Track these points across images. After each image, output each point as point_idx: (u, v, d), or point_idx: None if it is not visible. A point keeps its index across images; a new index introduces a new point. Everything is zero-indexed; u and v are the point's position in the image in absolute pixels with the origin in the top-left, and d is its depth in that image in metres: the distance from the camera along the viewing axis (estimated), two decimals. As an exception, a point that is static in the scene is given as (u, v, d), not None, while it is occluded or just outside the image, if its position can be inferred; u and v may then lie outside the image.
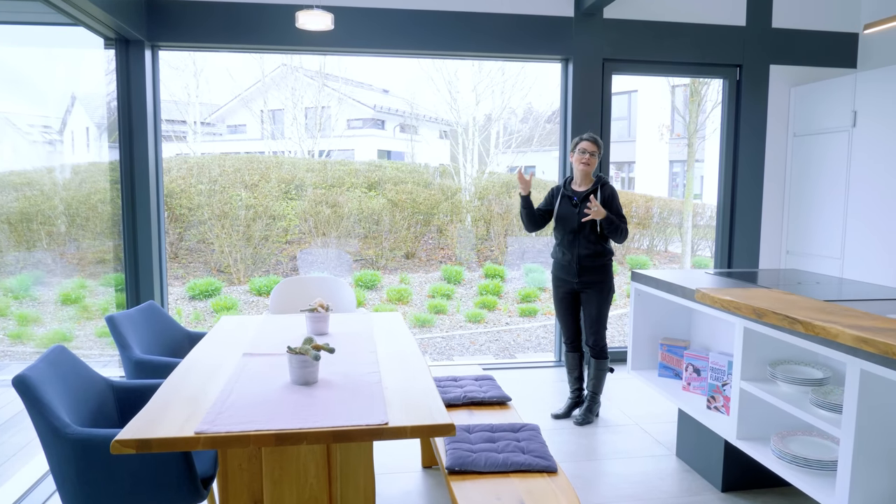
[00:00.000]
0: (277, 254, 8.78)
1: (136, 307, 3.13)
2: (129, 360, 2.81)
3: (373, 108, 13.45)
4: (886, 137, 4.23)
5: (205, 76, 11.31)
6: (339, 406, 1.98)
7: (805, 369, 2.60)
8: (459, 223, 9.97)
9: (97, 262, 7.31)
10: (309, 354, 2.14)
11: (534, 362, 5.17)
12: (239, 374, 2.30)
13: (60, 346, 2.32)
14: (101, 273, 7.42)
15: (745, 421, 2.65)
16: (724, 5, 4.94)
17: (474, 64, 11.02)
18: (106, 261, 6.28)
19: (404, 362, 2.48)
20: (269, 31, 4.43)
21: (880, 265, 4.28)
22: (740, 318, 2.60)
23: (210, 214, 8.38)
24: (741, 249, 5.15)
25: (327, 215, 8.93)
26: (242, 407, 1.96)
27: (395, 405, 1.99)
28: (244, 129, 13.34)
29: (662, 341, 3.48)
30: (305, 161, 10.33)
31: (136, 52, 4.31)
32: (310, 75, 11.11)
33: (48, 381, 2.09)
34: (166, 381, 2.22)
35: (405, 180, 10.11)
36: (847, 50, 5.09)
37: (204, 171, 9.00)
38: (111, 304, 5.80)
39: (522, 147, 11.96)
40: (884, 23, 3.07)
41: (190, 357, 2.53)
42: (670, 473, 3.26)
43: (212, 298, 7.67)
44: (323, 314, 2.87)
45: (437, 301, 8.26)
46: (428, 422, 1.86)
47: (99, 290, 7.13)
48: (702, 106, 10.00)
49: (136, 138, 4.37)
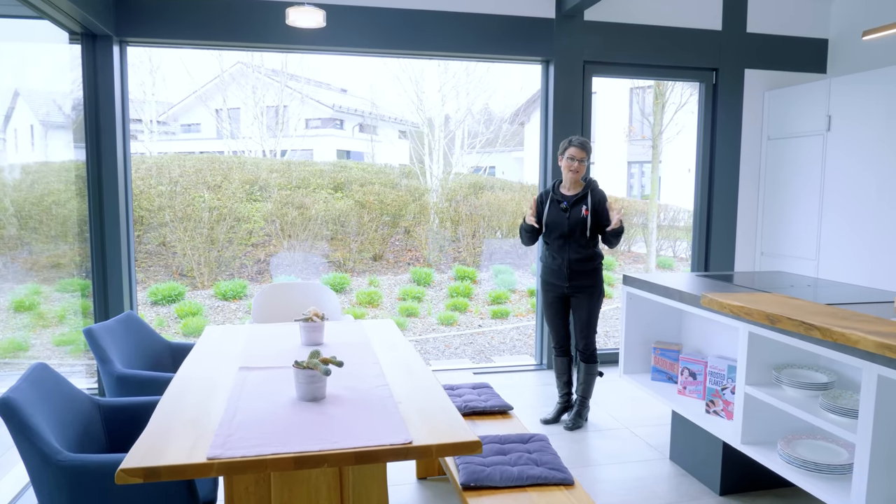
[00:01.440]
0: (242, 257, 8.53)
1: (114, 318, 2.95)
2: (111, 375, 2.64)
3: (332, 108, 13.26)
4: (860, 141, 4.33)
5: (161, 73, 10.95)
6: (355, 424, 1.88)
7: (808, 373, 2.62)
8: (428, 225, 9.89)
9: (52, 266, 6.95)
10: (318, 369, 2.03)
11: (515, 366, 5.13)
12: (240, 391, 2.17)
13: (42, 364, 2.14)
14: (56, 278, 7.06)
15: (750, 425, 2.65)
16: (702, 10, 4.99)
17: (440, 64, 10.95)
18: (61, 265, 5.97)
19: (411, 374, 2.38)
20: (243, 28, 4.26)
21: (855, 266, 4.38)
22: (745, 323, 2.60)
23: (172, 217, 8.08)
24: (717, 251, 5.22)
25: (294, 217, 8.73)
26: (251, 428, 1.84)
27: (414, 422, 1.90)
28: (199, 129, 12.96)
29: (655, 345, 3.48)
30: (268, 161, 10.09)
31: (104, 48, 4.09)
32: (267, 73, 10.86)
33: (33, 403, 1.92)
34: (162, 401, 2.07)
35: (372, 181, 9.98)
36: (818, 55, 5.21)
37: (164, 172, 8.68)
38: (70, 310, 5.51)
39: (487, 147, 11.96)
40: (883, 29, 3.13)
41: (182, 373, 2.38)
42: (666, 477, 3.25)
43: (175, 304, 7.39)
44: (318, 323, 2.76)
45: (409, 304, 8.16)
46: (453, 439, 1.77)
47: (55, 297, 6.78)
48: (665, 108, 10.16)
49: (103, 138, 4.14)
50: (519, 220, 10.74)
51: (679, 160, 10.97)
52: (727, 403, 2.92)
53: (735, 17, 5.05)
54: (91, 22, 3.80)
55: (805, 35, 5.17)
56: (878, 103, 4.18)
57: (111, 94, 4.12)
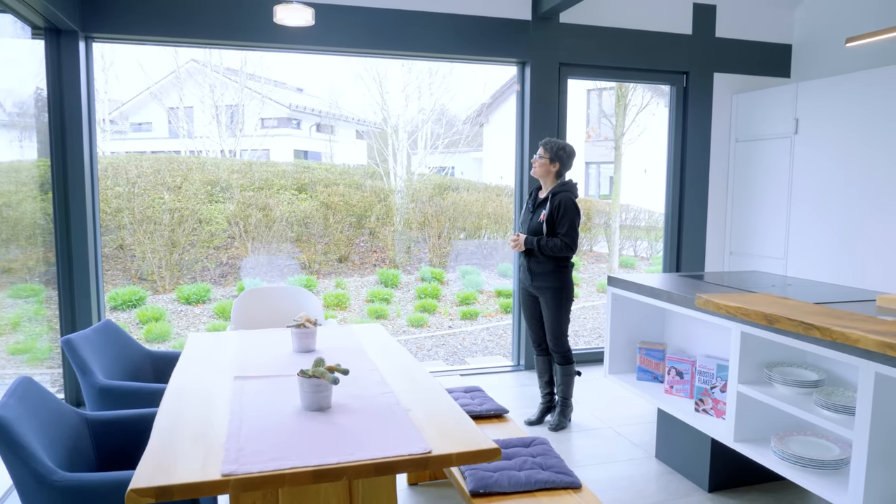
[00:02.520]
0: (204, 260, 8.30)
1: (92, 327, 2.81)
2: (93, 386, 2.52)
3: (288, 108, 13.04)
4: (828, 143, 4.48)
5: (115, 70, 10.59)
6: (368, 435, 1.83)
7: (799, 371, 2.68)
8: (393, 226, 9.82)
9: (2, 271, 6.62)
10: (326, 378, 1.97)
11: (491, 368, 5.12)
12: (240, 401, 2.09)
13: (27, 378, 2.02)
14: (8, 284, 6.73)
15: (742, 423, 2.70)
16: (673, 14, 5.08)
17: (404, 64, 10.90)
18: (12, 270, 5.69)
19: (413, 379, 2.34)
20: (219, 24, 4.14)
21: (823, 264, 4.52)
22: (737, 323, 2.64)
23: (131, 219, 7.80)
24: (689, 250, 5.32)
25: (258, 219, 8.54)
26: (261, 440, 1.78)
27: (429, 430, 1.86)
28: (150, 128, 12.58)
29: (641, 345, 3.51)
30: (228, 161, 9.85)
31: (69, 44, 3.91)
32: (223, 72, 10.60)
33: (23, 420, 1.81)
34: (160, 414, 1.98)
35: (336, 182, 9.85)
36: (782, 60, 5.37)
37: (120, 173, 8.38)
38: (24, 317, 5.26)
39: (451, 148, 11.95)
40: (866, 37, 3.23)
41: (175, 383, 2.28)
42: (654, 476, 3.29)
43: (136, 309, 7.14)
44: (311, 329, 2.69)
45: (377, 306, 8.08)
46: (472, 447, 1.74)
47: (7, 303, 6.46)
48: (627, 110, 10.33)
49: (69, 137, 3.96)
50: (484, 220, 10.80)
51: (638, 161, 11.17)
52: (716, 402, 2.97)
53: (705, 21, 5.16)
54: (56, 16, 3.62)
55: (770, 40, 5.32)
56: (846, 107, 4.33)
57: (77, 91, 3.94)
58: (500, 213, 10.47)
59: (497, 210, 10.46)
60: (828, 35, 5.05)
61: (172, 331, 6.89)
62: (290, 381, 2.30)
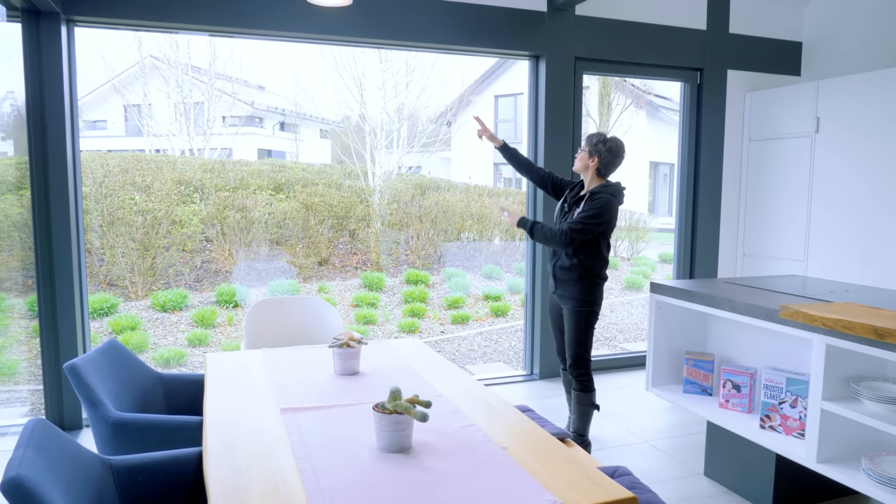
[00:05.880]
0: (179, 264, 7.82)
1: (96, 348, 2.44)
2: (104, 420, 2.15)
3: (251, 105, 12.58)
4: (850, 143, 4.35)
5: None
6: (472, 482, 1.53)
7: (884, 385, 2.49)
8: (373, 227, 9.48)
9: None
10: (412, 414, 1.67)
11: (503, 378, 4.86)
12: (301, 441, 1.77)
13: (41, 421, 1.67)
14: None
15: (826, 443, 2.50)
16: (688, 8, 4.91)
17: (381, 60, 10.59)
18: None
19: (489, 406, 2.06)
20: (214, 9, 3.77)
21: (845, 266, 4.40)
22: (820, 335, 2.44)
23: (100, 221, 7.27)
24: (702, 253, 5.16)
25: (236, 220, 8.09)
26: (348, 496, 1.47)
27: (543, 475, 1.58)
28: (105, 126, 11.96)
29: (687, 356, 3.30)
30: (200, 161, 9.36)
31: (50, 27, 3.48)
32: (183, 69, 10.08)
33: (46, 479, 1.46)
34: (209, 462, 1.65)
35: (315, 182, 9.47)
36: (792, 58, 5.25)
37: (86, 172, 7.82)
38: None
39: (427, 147, 11.67)
40: None
41: (213, 418, 1.94)
42: (710, 497, 3.08)
43: (109, 317, 6.64)
44: (355, 349, 2.37)
45: (365, 311, 7.74)
46: (605, 498, 1.47)
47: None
48: (612, 109, 10.22)
49: (50, 131, 3.53)
50: (468, 221, 10.53)
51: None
52: (785, 418, 2.76)
53: (719, 16, 5.00)
54: (36, -5, 3.21)
55: (781, 38, 5.20)
56: (869, 105, 4.21)
57: (59, 81, 3.52)
58: (484, 213, 10.24)
59: (480, 211, 10.23)
60: (838, 33, 4.95)
61: (150, 340, 6.41)
62: (347, 412, 1.99)
